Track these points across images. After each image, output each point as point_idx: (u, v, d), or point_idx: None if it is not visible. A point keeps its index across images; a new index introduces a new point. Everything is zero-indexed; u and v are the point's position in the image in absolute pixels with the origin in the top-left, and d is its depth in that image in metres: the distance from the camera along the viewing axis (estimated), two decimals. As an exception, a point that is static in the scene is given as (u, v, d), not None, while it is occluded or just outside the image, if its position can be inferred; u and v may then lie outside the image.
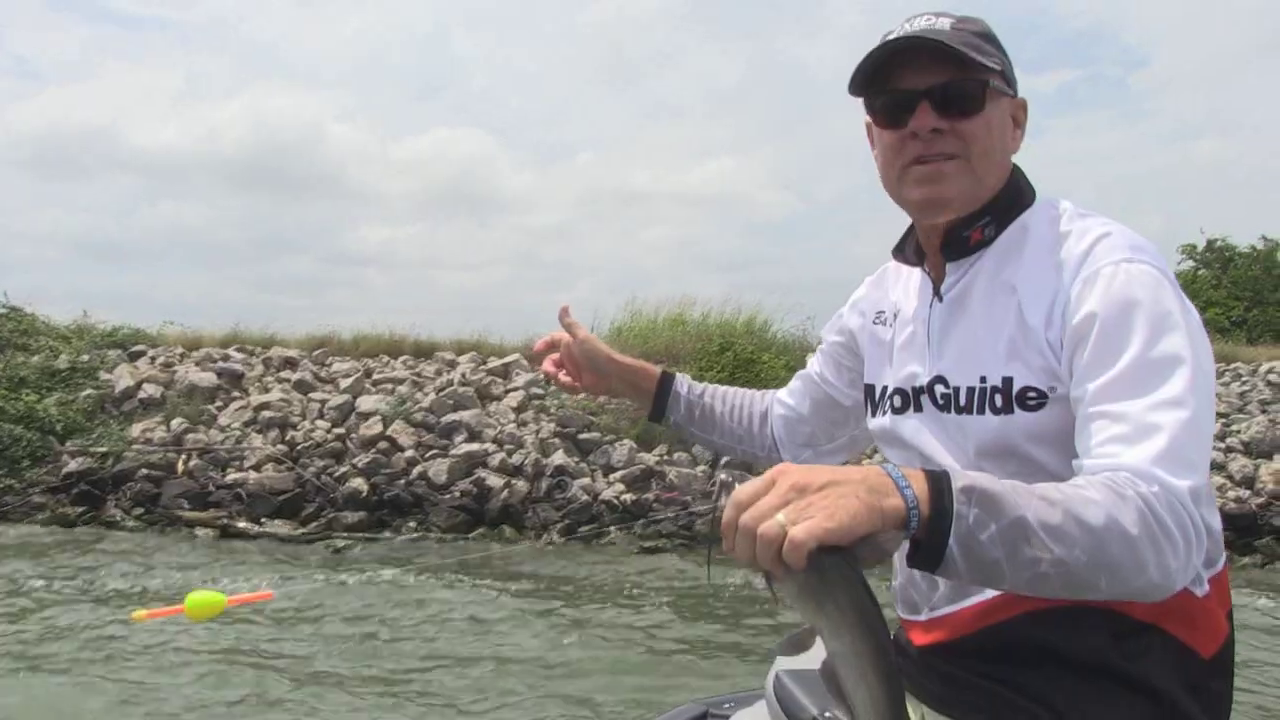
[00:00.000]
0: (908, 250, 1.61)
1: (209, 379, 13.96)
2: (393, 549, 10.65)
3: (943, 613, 1.50)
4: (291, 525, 11.28)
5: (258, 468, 12.19)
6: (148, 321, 16.61)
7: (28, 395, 13.14)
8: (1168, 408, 1.20)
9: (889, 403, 1.60)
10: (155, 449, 12.48)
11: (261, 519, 11.34)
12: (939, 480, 1.06)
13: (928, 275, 1.57)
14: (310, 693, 5.80)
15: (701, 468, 12.30)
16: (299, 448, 12.50)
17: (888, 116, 1.47)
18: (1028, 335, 1.37)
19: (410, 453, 12.40)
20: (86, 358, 14.54)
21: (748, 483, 1.05)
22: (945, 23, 1.44)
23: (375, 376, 14.28)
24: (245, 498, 11.59)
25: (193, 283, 37.63)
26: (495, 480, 11.87)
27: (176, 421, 12.97)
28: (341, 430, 12.89)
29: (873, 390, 1.66)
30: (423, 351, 15.51)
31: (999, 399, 1.39)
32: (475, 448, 12.38)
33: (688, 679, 6.21)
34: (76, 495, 11.79)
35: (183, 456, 12.39)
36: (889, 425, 1.60)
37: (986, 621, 1.43)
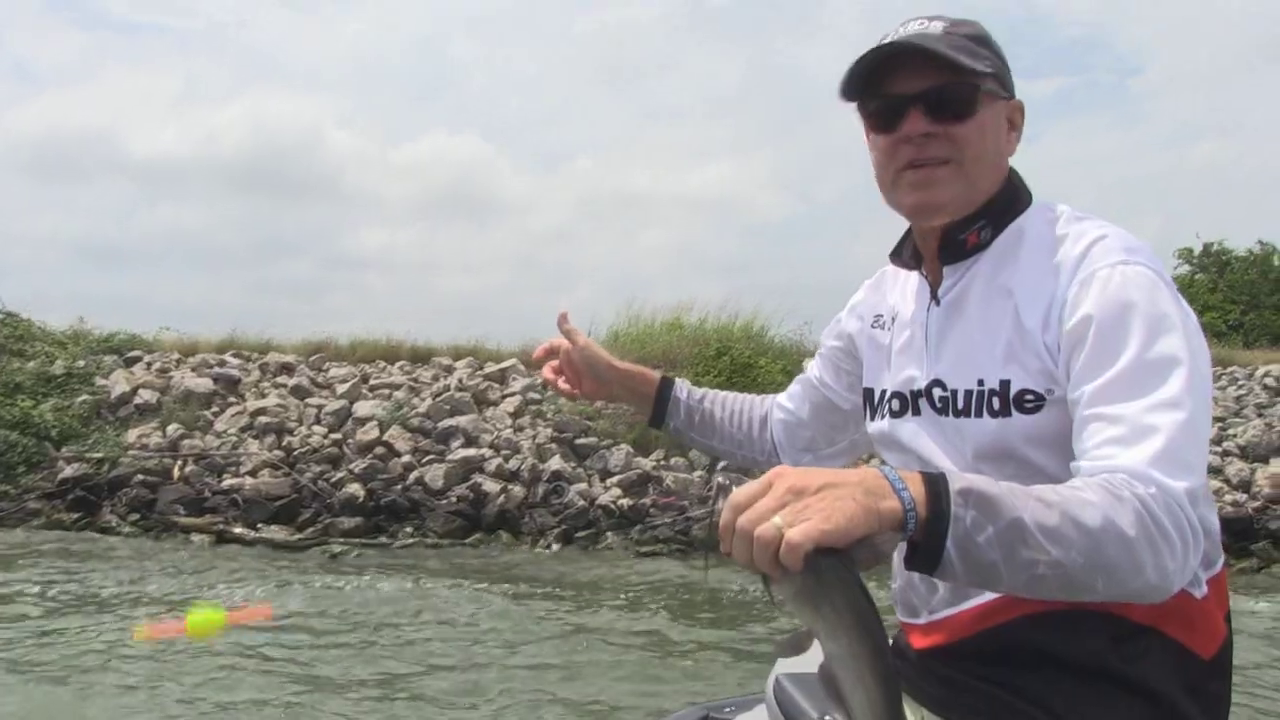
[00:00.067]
0: (905, 254, 1.61)
1: (205, 384, 13.94)
2: (389, 554, 10.64)
3: (941, 616, 1.50)
4: (288, 531, 11.26)
5: (254, 473, 12.16)
6: (146, 325, 16.64)
7: (23, 401, 13.11)
8: (1164, 409, 1.20)
9: (887, 406, 1.60)
10: (151, 455, 12.46)
11: (257, 525, 11.33)
12: (936, 482, 1.06)
13: (925, 279, 1.56)
14: (309, 697, 5.78)
15: (699, 473, 12.30)
16: (295, 453, 12.49)
17: (880, 121, 1.47)
18: (1025, 338, 1.37)
19: (407, 458, 12.39)
20: (82, 363, 14.51)
21: (745, 485, 1.05)
22: (938, 26, 1.44)
23: (372, 382, 14.27)
24: (241, 503, 11.57)
25: (192, 286, 37.64)
26: (492, 485, 11.86)
27: (172, 427, 12.95)
28: (338, 436, 12.87)
29: (871, 394, 1.66)
30: (420, 357, 15.50)
31: (996, 402, 1.39)
32: (472, 453, 12.38)
33: (687, 683, 6.21)
34: (72, 501, 11.77)
35: (179, 462, 12.37)
36: (887, 429, 1.59)
37: (985, 624, 1.43)
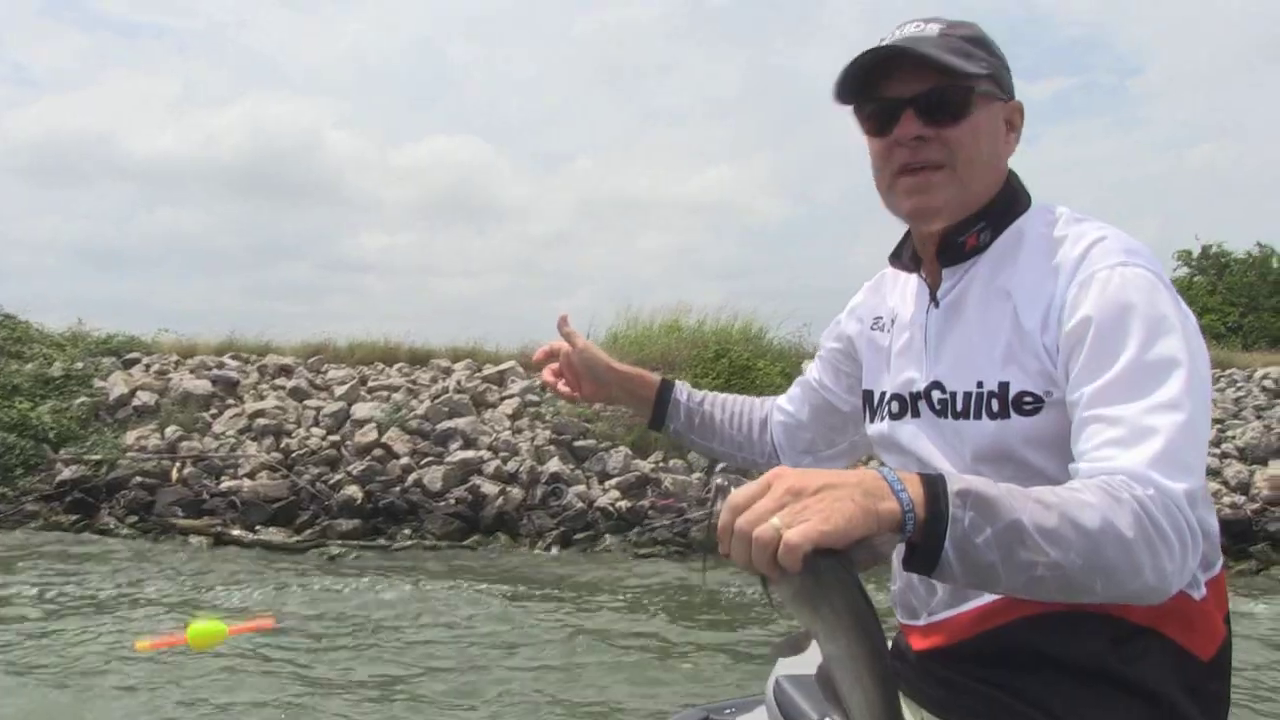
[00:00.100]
0: (904, 256, 1.61)
1: (204, 386, 13.93)
2: (387, 556, 10.63)
3: (941, 617, 1.50)
4: (286, 533, 11.26)
5: (252, 475, 12.15)
6: (145, 329, 16.59)
7: (21, 403, 13.09)
8: (1163, 411, 1.20)
9: (887, 408, 1.60)
10: (149, 457, 12.45)
11: (256, 527, 11.32)
12: (934, 484, 1.06)
13: (924, 281, 1.57)
14: (308, 699, 5.78)
15: (697, 475, 12.29)
16: (294, 455, 12.48)
17: (874, 124, 1.48)
18: (1024, 340, 1.37)
19: (405, 460, 12.38)
20: (81, 365, 14.49)
21: (744, 486, 1.05)
22: (934, 29, 1.44)
23: (370, 384, 14.26)
24: (239, 505, 11.56)
25: (191, 289, 37.60)
26: (490, 487, 11.86)
27: (171, 429, 12.94)
28: (336, 438, 12.86)
29: (871, 396, 1.66)
30: (418, 359, 15.48)
31: (995, 404, 1.39)
32: (470, 455, 12.37)
33: (686, 684, 6.21)
34: (70, 503, 11.76)
35: (177, 464, 12.36)
36: (887, 431, 1.59)
37: (984, 626, 1.43)
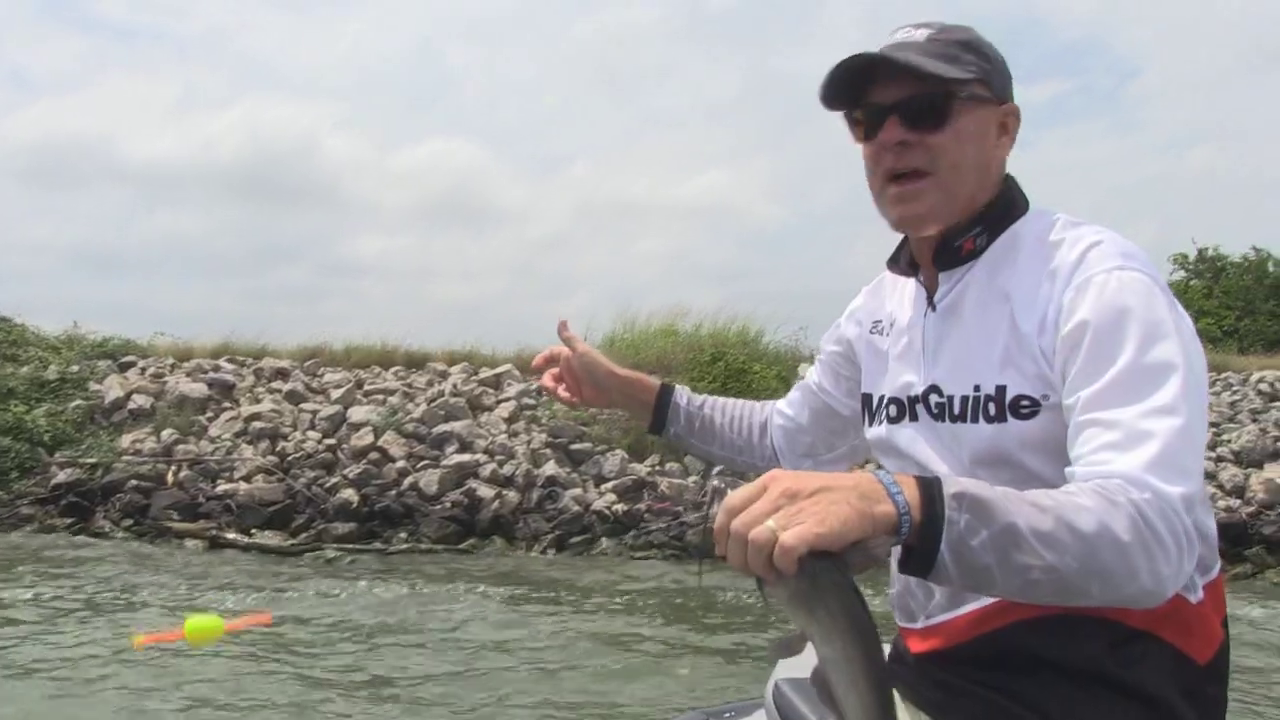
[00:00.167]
0: (902, 261, 1.61)
1: (200, 390, 13.92)
2: (383, 560, 10.62)
3: (938, 620, 1.50)
4: (281, 536, 11.24)
5: (248, 479, 12.14)
6: (143, 332, 16.58)
7: (16, 406, 13.07)
8: (1160, 415, 1.20)
9: (885, 412, 1.60)
10: (145, 460, 12.44)
11: (251, 530, 11.31)
12: (930, 486, 1.06)
13: (922, 285, 1.57)
14: (305, 702, 5.77)
15: (693, 478, 12.29)
16: (290, 459, 12.47)
17: (861, 130, 1.49)
18: (1021, 343, 1.37)
19: (401, 463, 12.37)
20: (76, 368, 14.48)
21: (740, 489, 1.05)
22: (922, 34, 1.44)
23: (367, 387, 14.25)
24: (235, 509, 11.55)
25: (189, 293, 37.41)
26: (486, 491, 11.85)
27: (167, 432, 12.93)
28: (332, 441, 12.86)
29: (870, 399, 1.66)
30: (414, 362, 15.48)
31: (993, 407, 1.39)
32: (466, 458, 12.37)
33: (683, 687, 6.21)
34: (65, 506, 11.75)
35: (172, 467, 12.35)
36: (885, 434, 1.60)
37: (981, 629, 1.43)
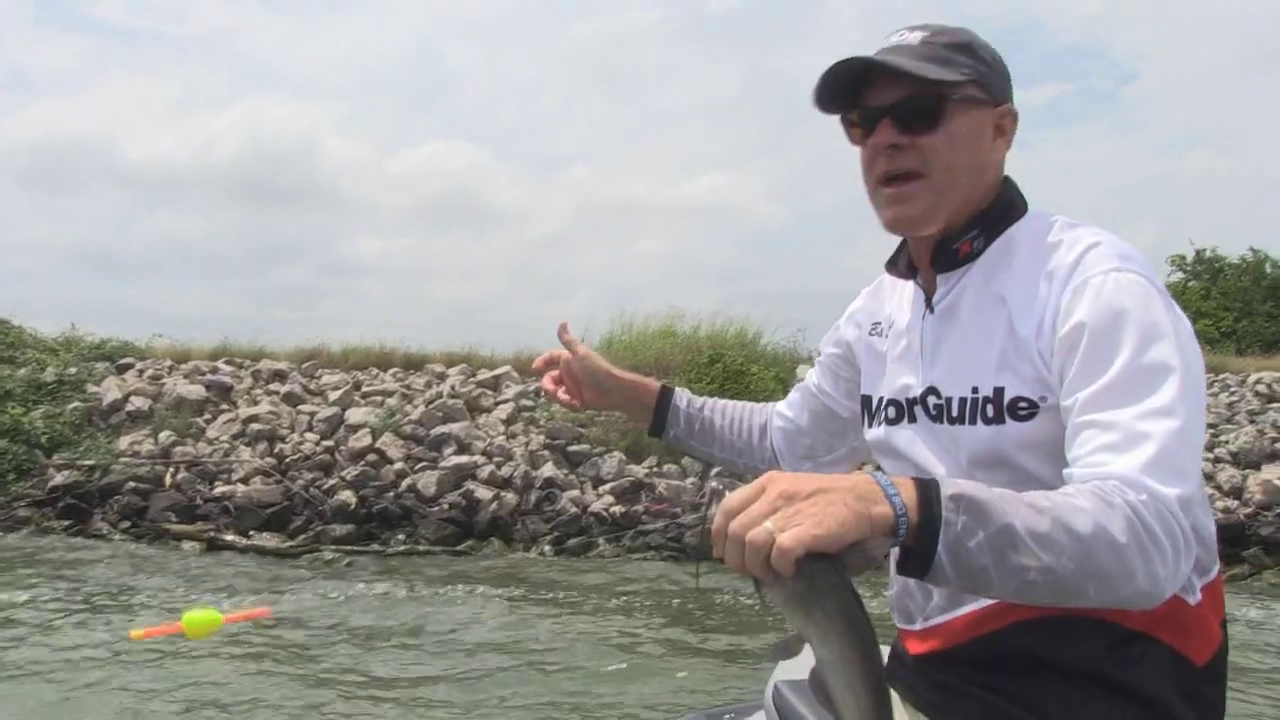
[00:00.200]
0: (900, 264, 1.62)
1: (197, 392, 13.92)
2: (381, 562, 10.61)
3: (936, 622, 1.50)
4: (279, 538, 11.23)
5: (246, 480, 12.14)
6: (142, 334, 16.58)
7: (13, 408, 13.05)
8: (1157, 416, 1.20)
9: (884, 414, 1.60)
10: (143, 462, 12.42)
11: (249, 532, 11.29)
12: (927, 488, 1.06)
13: (920, 287, 1.57)
14: (302, 704, 5.77)
15: (691, 480, 12.29)
16: (287, 460, 12.47)
17: (856, 133, 1.50)
18: (1018, 345, 1.37)
19: (399, 465, 12.37)
20: (74, 370, 14.46)
21: (738, 490, 1.05)
22: (916, 37, 1.45)
23: (364, 389, 14.25)
24: (233, 511, 11.54)
25: (188, 295, 37.38)
26: (484, 492, 11.85)
27: (164, 434, 12.92)
28: (330, 443, 12.85)
29: (869, 401, 1.66)
30: (412, 364, 15.48)
31: (990, 409, 1.39)
32: (464, 460, 12.37)
33: (680, 689, 6.20)
34: (63, 509, 11.73)
35: (170, 469, 12.34)
36: (884, 436, 1.60)
37: (979, 630, 1.43)
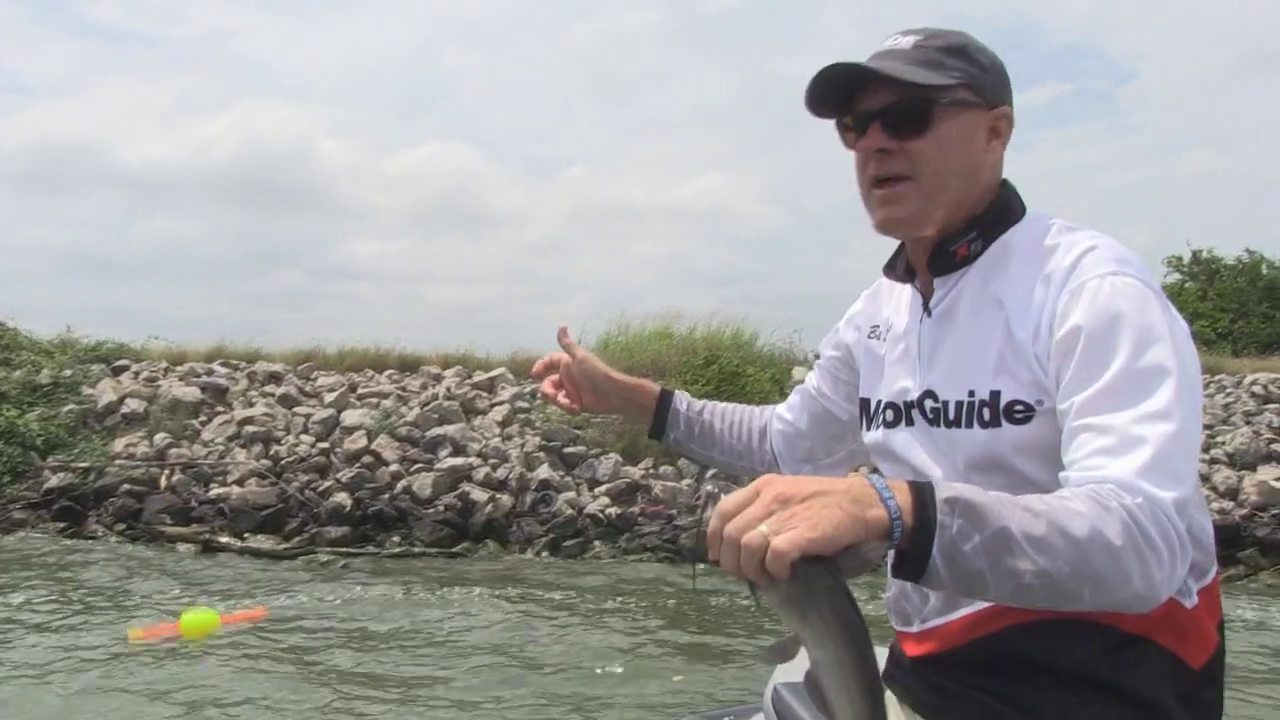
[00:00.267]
0: (898, 268, 1.62)
1: (193, 394, 13.90)
2: (376, 564, 10.60)
3: (933, 624, 1.50)
4: (275, 540, 11.22)
5: (241, 483, 12.12)
6: (137, 336, 16.57)
7: (8, 410, 13.03)
8: (1153, 420, 1.20)
9: (881, 417, 1.60)
10: (138, 464, 12.41)
11: (244, 534, 11.28)
12: (923, 491, 1.06)
13: (918, 291, 1.57)
14: (299, 704, 5.76)
15: (687, 481, 12.29)
16: (283, 462, 12.45)
17: (848, 137, 1.51)
18: (1015, 349, 1.37)
19: (395, 467, 12.36)
20: (69, 372, 14.45)
21: (733, 493, 1.05)
22: (909, 41, 1.45)
23: (360, 390, 14.24)
24: (228, 513, 11.52)
25: (184, 298, 37.33)
26: (480, 494, 11.84)
27: (160, 436, 12.91)
28: (326, 445, 12.84)
29: (867, 404, 1.67)
30: (408, 365, 15.47)
31: (987, 413, 1.39)
32: (460, 462, 12.36)
33: (677, 691, 6.19)
34: (57, 511, 11.71)
35: (165, 471, 12.32)
36: (881, 439, 1.60)
37: (976, 633, 1.43)
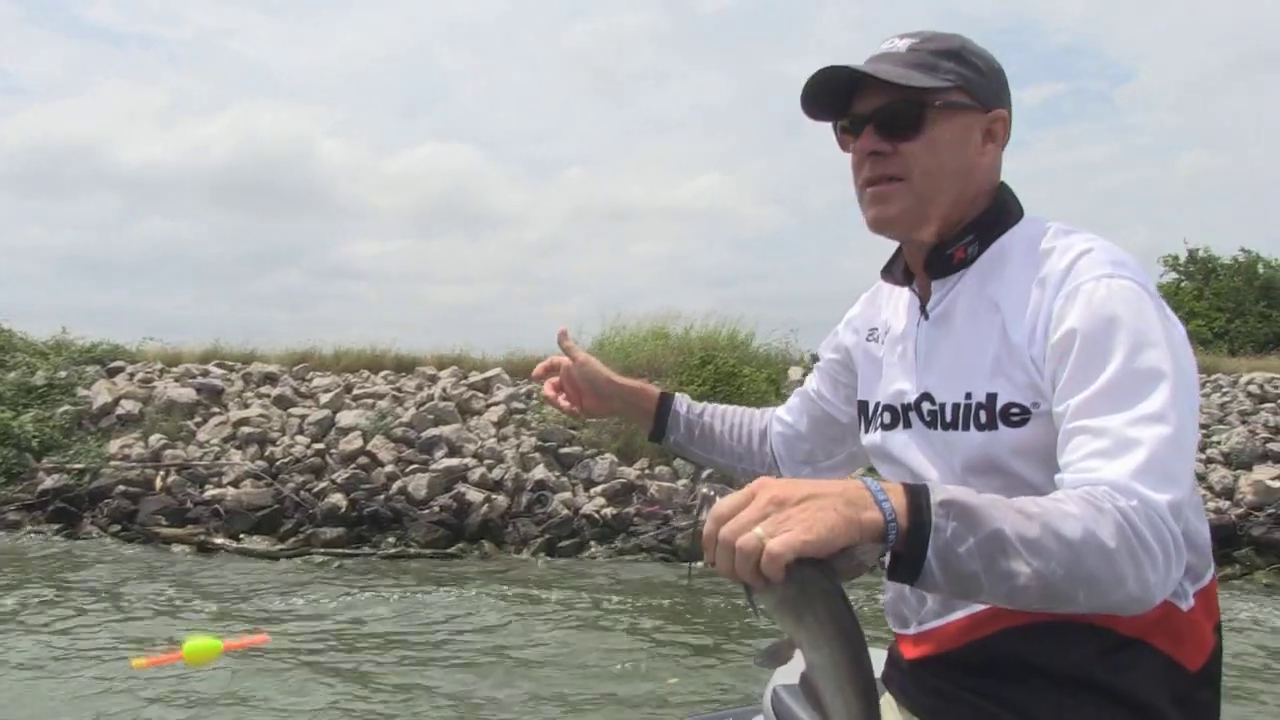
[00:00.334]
0: (896, 271, 1.62)
1: (188, 395, 13.88)
2: (372, 565, 10.60)
3: (930, 626, 1.50)
4: (270, 541, 11.21)
5: (236, 484, 12.11)
6: (134, 338, 16.54)
7: (3, 412, 13.02)
8: (1148, 422, 1.20)
9: (879, 419, 1.61)
10: (133, 465, 12.39)
11: (239, 535, 11.27)
12: (917, 494, 1.07)
13: (915, 293, 1.58)
14: (293, 703, 5.79)
15: (683, 482, 12.30)
16: (278, 463, 12.44)
17: (844, 139, 1.52)
18: (1012, 352, 1.37)
19: (390, 468, 12.35)
20: (64, 374, 14.42)
21: (728, 496, 1.05)
22: (904, 44, 1.46)
23: (356, 391, 14.24)
24: (223, 514, 11.52)
25: (182, 300, 37.35)
26: (475, 495, 11.83)
27: (155, 438, 12.89)
28: (321, 445, 12.83)
29: (865, 407, 1.67)
30: (404, 366, 15.46)
31: (983, 415, 1.39)
32: (455, 463, 12.35)
33: (674, 692, 6.20)
34: (52, 512, 11.71)
35: (161, 473, 12.30)
36: (879, 441, 1.60)
37: (972, 636, 1.43)
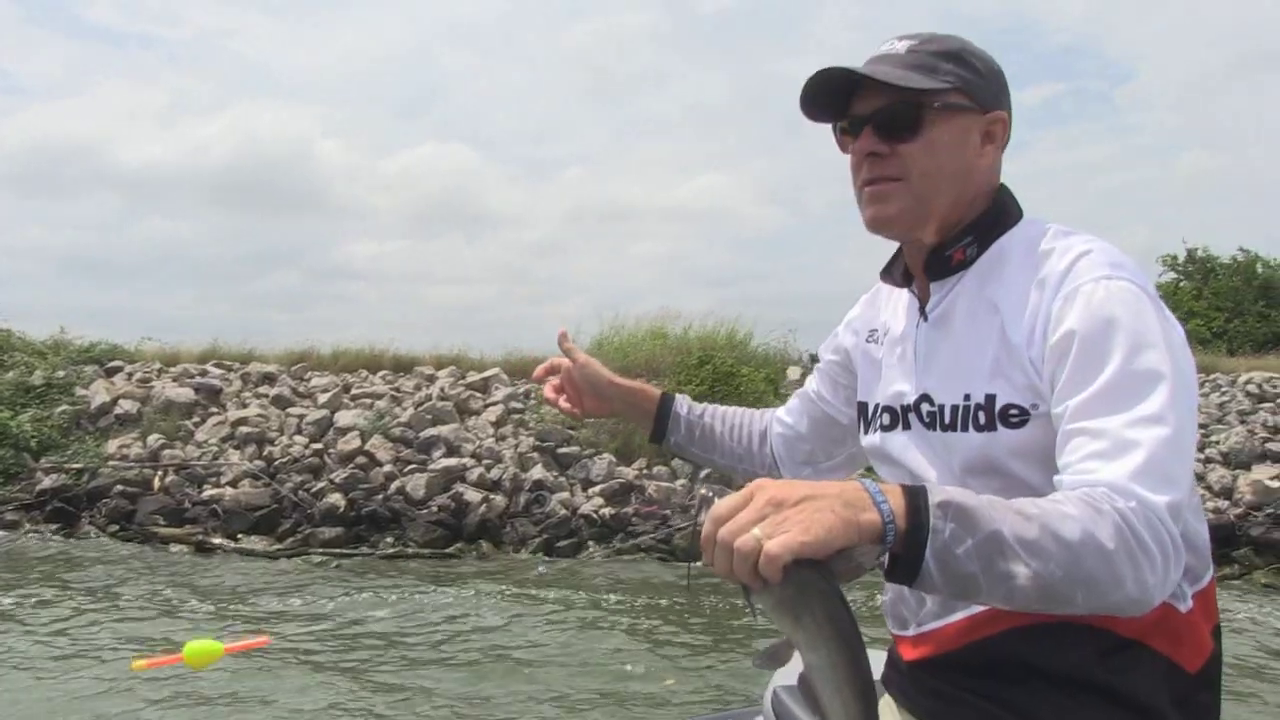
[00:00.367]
0: (895, 273, 1.63)
1: (186, 395, 13.87)
2: (370, 564, 10.59)
3: (929, 628, 1.50)
4: (268, 541, 11.21)
5: (234, 484, 12.11)
6: (132, 338, 16.53)
7: (1, 412, 13.01)
8: (1146, 424, 1.20)
9: (879, 420, 1.61)
10: (131, 465, 12.38)
11: (238, 535, 11.27)
12: (916, 495, 1.07)
13: (914, 295, 1.58)
14: (291, 703, 5.79)
15: (681, 482, 12.30)
16: (276, 463, 12.44)
17: (843, 140, 1.53)
18: (1011, 353, 1.37)
19: (388, 468, 12.35)
20: (62, 374, 14.42)
21: (726, 497, 1.05)
22: (903, 46, 1.46)
23: (354, 391, 14.23)
24: (221, 514, 11.51)
25: (180, 299, 37.39)
26: (473, 495, 11.83)
27: (153, 437, 12.89)
28: (319, 445, 12.83)
29: (864, 408, 1.67)
30: (402, 366, 15.47)
31: (982, 416, 1.39)
32: (453, 463, 12.35)
33: (673, 693, 6.19)
34: (51, 512, 11.71)
35: (159, 472, 12.30)
36: (879, 443, 1.61)
37: (971, 637, 1.43)
